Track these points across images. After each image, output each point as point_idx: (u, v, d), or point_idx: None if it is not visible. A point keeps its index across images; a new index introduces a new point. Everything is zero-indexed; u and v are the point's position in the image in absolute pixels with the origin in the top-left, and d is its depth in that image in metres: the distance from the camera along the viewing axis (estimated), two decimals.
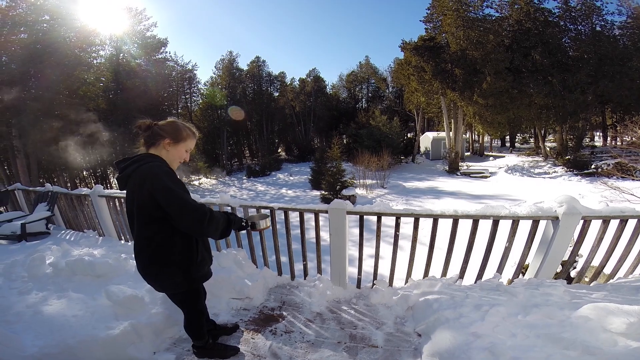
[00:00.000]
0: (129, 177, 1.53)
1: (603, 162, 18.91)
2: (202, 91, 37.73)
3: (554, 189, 16.30)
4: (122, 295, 2.43)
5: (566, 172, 20.10)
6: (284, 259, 3.27)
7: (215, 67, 39.45)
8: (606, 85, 21.25)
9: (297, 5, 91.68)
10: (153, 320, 2.36)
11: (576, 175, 19.06)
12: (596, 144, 28.23)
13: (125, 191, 1.60)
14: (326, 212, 2.86)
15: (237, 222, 1.76)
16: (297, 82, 43.18)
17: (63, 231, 5.35)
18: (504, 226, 2.62)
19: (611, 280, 2.72)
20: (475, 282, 2.72)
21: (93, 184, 24.98)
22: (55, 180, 22.83)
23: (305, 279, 3.23)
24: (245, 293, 2.83)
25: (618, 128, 18.79)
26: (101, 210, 4.57)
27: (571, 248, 2.65)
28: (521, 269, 2.77)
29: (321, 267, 3.19)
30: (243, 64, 41.73)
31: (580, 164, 19.87)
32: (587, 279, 2.92)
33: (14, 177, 15.65)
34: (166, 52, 30.09)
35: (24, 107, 15.46)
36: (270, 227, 2.69)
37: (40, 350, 2.03)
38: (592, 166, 19.16)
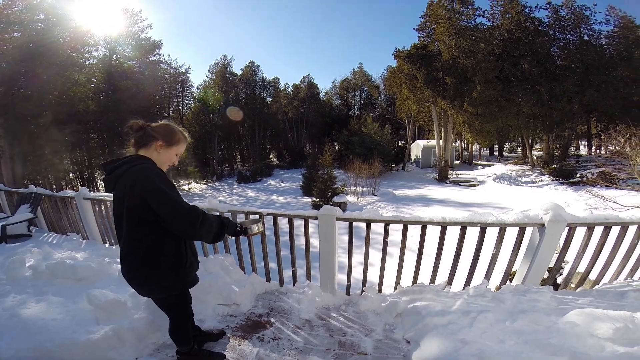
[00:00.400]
0: (119, 178, 1.50)
1: (588, 171, 19.37)
2: (194, 95, 37.52)
3: (541, 198, 16.61)
4: (103, 300, 2.38)
5: (552, 180, 20.50)
6: (272, 265, 3.24)
7: (209, 70, 39.46)
8: (592, 94, 21.83)
9: (292, 10, 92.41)
10: (136, 325, 2.30)
11: (562, 184, 19.46)
12: (581, 152, 28.96)
13: (112, 193, 1.57)
14: (316, 218, 2.85)
15: (230, 226, 1.73)
16: (291, 88, 43.32)
17: (45, 234, 5.24)
18: (492, 233, 2.65)
19: (596, 286, 2.77)
20: (464, 289, 2.73)
21: (79, 186, 24.48)
22: (40, 181, 22.25)
23: (294, 285, 3.19)
24: (232, 299, 2.78)
25: (602, 137, 19.27)
26: (86, 213, 4.48)
27: (557, 255, 2.69)
28: (509, 275, 2.79)
29: (310, 274, 3.16)
30: (237, 68, 41.73)
31: (566, 172, 20.31)
32: (572, 285, 2.96)
33: None
34: (160, 54, 29.97)
35: (12, 107, 15.16)
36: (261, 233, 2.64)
37: (17, 353, 1.97)
38: (578, 175, 19.60)
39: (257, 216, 2.94)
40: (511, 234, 2.59)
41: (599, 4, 29.17)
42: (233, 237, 1.90)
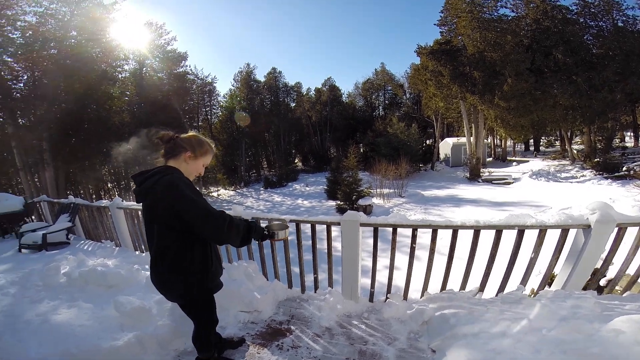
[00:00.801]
0: (149, 189, 1.55)
1: (635, 163, 17.86)
2: (221, 104, 38.56)
3: (582, 194, 15.46)
4: (129, 307, 2.44)
5: (595, 175, 19.05)
6: (295, 269, 3.19)
7: (233, 79, 40.38)
8: (635, 82, 20.18)
9: (310, 15, 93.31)
10: (159, 332, 2.34)
11: (606, 178, 18.02)
12: (627, 144, 26.81)
13: (142, 204, 1.63)
14: (339, 224, 2.76)
15: (258, 230, 1.77)
16: (313, 92, 43.55)
17: (82, 241, 5.53)
18: (530, 235, 2.43)
19: None
20: (497, 295, 2.53)
21: (116, 195, 25.95)
22: (81, 191, 23.74)
23: (315, 292, 3.12)
24: (254, 306, 2.76)
25: None
26: (119, 221, 4.73)
27: (603, 257, 2.43)
28: (547, 280, 2.55)
29: (332, 280, 3.07)
30: (260, 75, 42.61)
31: (610, 166, 18.79)
32: (619, 289, 2.67)
33: (42, 189, 16.30)
34: (186, 65, 30.93)
35: (54, 121, 16.13)
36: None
37: (44, 358, 2.05)
38: (624, 168, 18.08)
39: (284, 219, 2.91)
40: (552, 235, 2.37)
41: None
42: (261, 241, 1.94)
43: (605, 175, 18.34)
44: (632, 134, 29.05)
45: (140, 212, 4.33)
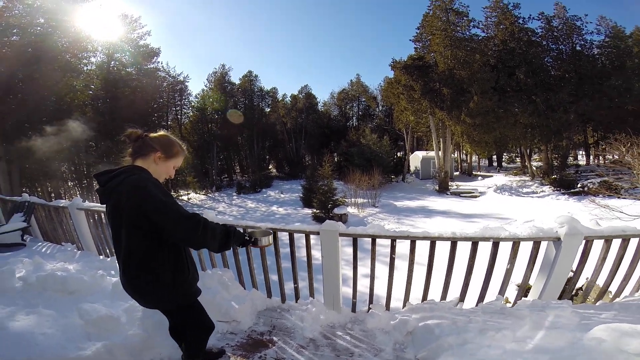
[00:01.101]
0: (114, 189, 1.44)
1: (589, 180, 19.32)
2: (192, 104, 37.50)
3: (543, 208, 16.51)
4: (95, 315, 2.29)
5: (553, 191, 20.42)
6: (273, 277, 3.08)
7: (207, 79, 39.46)
8: (587, 104, 22.02)
9: (290, 20, 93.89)
10: (129, 342, 2.19)
11: (563, 194, 19.37)
12: (580, 162, 28.98)
13: (105, 205, 1.51)
14: (318, 233, 2.73)
15: (238, 236, 1.66)
16: (289, 99, 43.54)
17: (40, 243, 5.17)
18: (504, 247, 2.53)
19: (617, 299, 2.63)
20: (477, 305, 2.59)
21: (78, 195, 24.27)
22: (38, 190, 21.91)
23: (296, 301, 3.04)
24: (231, 316, 2.65)
25: (603, 146, 19.28)
26: (80, 223, 4.39)
27: (574, 268, 2.56)
28: (524, 290, 2.65)
29: (313, 289, 3.01)
30: (235, 77, 41.83)
31: (566, 183, 20.25)
32: (591, 300, 2.82)
33: None
34: (158, 61, 29.81)
35: (8, 112, 14.90)
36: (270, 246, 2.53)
37: None
38: (579, 185, 19.53)
39: (261, 227, 2.81)
40: (525, 248, 2.49)
41: (590, 14, 29.72)
42: (242, 247, 1.84)
43: (562, 191, 19.70)
44: (583, 152, 31.44)
45: (103, 214, 4.06)
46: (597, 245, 2.48)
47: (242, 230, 1.77)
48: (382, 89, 39.37)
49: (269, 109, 41.83)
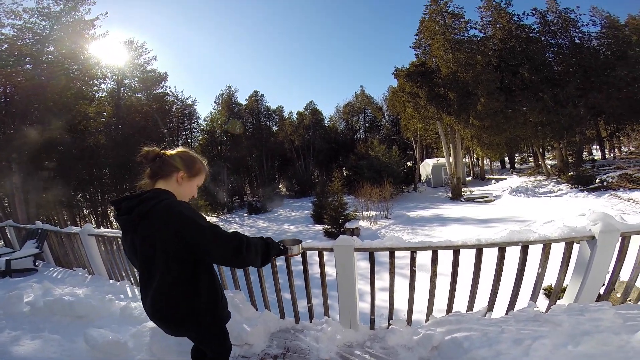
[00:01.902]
0: (144, 217, 1.31)
1: (607, 175, 18.64)
2: (202, 127, 37.92)
3: (562, 207, 15.93)
4: (101, 340, 2.24)
5: (571, 188, 19.75)
6: (286, 295, 2.94)
7: (214, 102, 39.84)
8: (595, 96, 21.57)
9: (291, 38, 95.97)
10: None
11: (582, 191, 18.70)
12: (595, 157, 28.16)
13: (130, 233, 1.37)
14: (331, 250, 2.59)
15: (275, 246, 1.61)
16: (295, 116, 43.89)
17: (52, 268, 5.33)
18: (533, 251, 2.35)
19: None
20: (507, 314, 2.38)
21: (93, 222, 24.55)
22: (55, 217, 22.27)
23: (311, 321, 2.88)
24: (243, 339, 2.52)
25: (621, 138, 18.71)
26: (90, 248, 4.47)
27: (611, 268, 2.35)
28: (558, 295, 2.43)
29: (328, 308, 2.85)
30: (242, 98, 42.25)
31: (584, 179, 19.56)
32: (630, 301, 2.58)
33: (12, 214, 15.17)
34: (166, 86, 30.20)
35: (25, 142, 15.19)
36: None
37: None
38: (597, 180, 18.84)
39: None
40: (556, 249, 2.30)
41: (581, 5, 29.61)
42: (275, 257, 1.77)
43: (581, 188, 19.03)
44: (597, 146, 30.60)
45: (113, 240, 4.10)
46: (635, 242, 2.26)
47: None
48: (387, 99, 39.43)
49: (276, 128, 42.23)
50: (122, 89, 25.97)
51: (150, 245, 1.31)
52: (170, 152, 1.50)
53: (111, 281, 4.29)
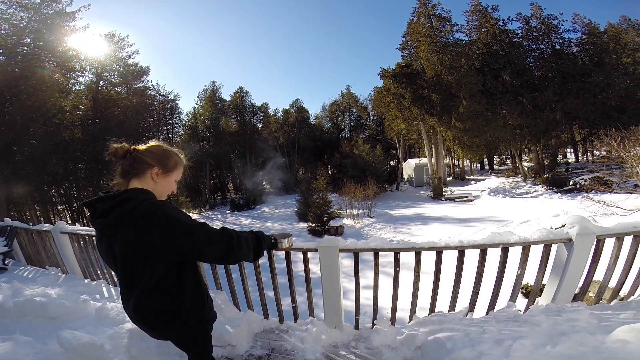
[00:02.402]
0: (122, 220, 1.21)
1: (580, 177, 19.47)
2: (184, 122, 37.19)
3: (537, 208, 16.52)
4: (76, 342, 2.14)
5: (546, 190, 20.52)
6: (269, 293, 2.89)
7: (197, 97, 39.24)
8: (572, 102, 22.43)
9: (278, 34, 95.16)
10: None
11: (556, 192, 19.47)
12: (569, 160, 29.30)
13: (108, 237, 1.28)
14: (316, 250, 2.56)
15: (266, 239, 1.58)
16: (281, 113, 43.58)
17: (22, 267, 5.12)
18: (513, 252, 2.43)
19: (632, 297, 2.53)
20: (488, 314, 2.44)
21: (69, 219, 23.66)
22: (27, 214, 21.31)
23: (296, 321, 2.86)
24: (226, 340, 2.48)
25: (595, 142, 19.50)
26: (64, 247, 4.29)
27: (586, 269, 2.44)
28: (536, 295, 2.52)
29: (313, 308, 2.84)
30: (226, 94, 41.64)
31: (558, 181, 20.38)
32: (604, 301, 2.70)
33: None
34: (148, 80, 29.54)
35: None
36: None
37: None
38: (570, 182, 19.66)
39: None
40: (535, 251, 2.37)
41: (565, 12, 30.60)
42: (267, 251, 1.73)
43: (555, 189, 19.80)
44: (571, 150, 31.84)
45: (88, 238, 3.93)
46: (608, 244, 2.38)
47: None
48: (373, 99, 39.73)
49: (261, 125, 41.81)
50: (101, 82, 25.10)
51: (132, 250, 1.23)
52: (141, 147, 1.38)
53: (86, 281, 4.13)
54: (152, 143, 1.42)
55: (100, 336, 2.34)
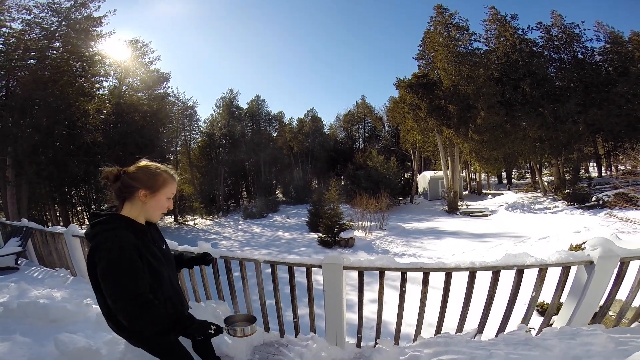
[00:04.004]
0: (88, 240, 1.37)
1: (603, 193, 18.67)
2: (201, 129, 37.79)
3: (557, 224, 15.92)
4: (72, 346, 2.15)
5: (567, 206, 19.77)
6: (269, 301, 2.86)
7: (215, 104, 39.74)
8: (595, 113, 21.63)
9: (296, 43, 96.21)
10: None
11: (577, 208, 18.71)
12: (592, 175, 28.19)
13: None
14: (319, 267, 2.52)
15: (196, 329, 1.36)
16: (296, 122, 44.01)
17: (34, 268, 5.26)
18: (529, 273, 2.30)
19: None
20: (497, 336, 2.30)
21: (86, 220, 24.34)
22: (47, 213, 21.99)
23: (296, 336, 2.79)
24: (224, 351, 2.46)
25: (620, 157, 18.72)
26: (74, 250, 4.42)
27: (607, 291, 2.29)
28: (549, 317, 2.36)
29: (315, 324, 2.77)
30: (243, 102, 42.19)
31: (580, 197, 19.58)
32: (625, 322, 2.53)
33: (3, 209, 15.00)
34: (168, 86, 30.10)
35: (21, 136, 15.03)
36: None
37: None
38: (593, 198, 18.87)
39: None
40: (552, 272, 2.25)
41: (587, 20, 29.78)
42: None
43: (577, 205, 19.04)
44: (594, 164, 30.66)
45: None
46: (633, 266, 2.23)
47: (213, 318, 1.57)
48: (388, 109, 39.58)
49: (275, 134, 42.25)
50: (124, 87, 25.89)
51: (90, 265, 1.32)
52: (130, 169, 1.44)
53: None
54: (141, 164, 1.47)
55: (98, 341, 2.32)
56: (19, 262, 5.25)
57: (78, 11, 17.53)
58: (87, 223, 1.37)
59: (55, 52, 16.78)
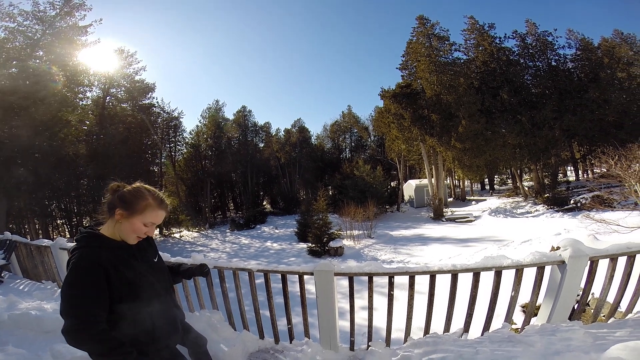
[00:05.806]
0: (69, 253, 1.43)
1: (581, 196, 19.42)
2: (187, 140, 37.25)
3: (539, 227, 16.43)
4: (69, 356, 2.16)
5: (547, 209, 20.43)
6: (265, 313, 2.90)
7: (201, 115, 39.33)
8: (570, 119, 22.50)
9: (281, 53, 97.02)
10: None
11: (557, 211, 19.38)
12: (570, 178, 29.20)
13: None
14: (312, 274, 2.61)
15: None
16: (282, 133, 43.83)
17: (18, 280, 5.21)
18: (508, 274, 2.45)
19: (629, 315, 2.52)
20: (483, 335, 2.43)
21: (67, 233, 23.53)
22: (26, 227, 21.16)
23: (291, 342, 2.85)
24: (220, 358, 2.45)
25: (592, 161, 19.52)
26: (62, 262, 4.39)
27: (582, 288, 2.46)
28: (531, 316, 2.51)
29: (308, 329, 2.83)
30: (229, 113, 42.02)
31: (559, 200, 20.32)
32: (603, 317, 2.70)
33: None
34: (153, 97, 29.75)
35: (0, 147, 14.54)
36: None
37: None
38: (571, 201, 19.60)
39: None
40: (529, 272, 2.40)
41: (559, 28, 31.00)
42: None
43: (556, 208, 19.73)
44: (571, 168, 31.76)
45: None
46: (603, 264, 2.41)
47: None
48: (373, 119, 40.03)
49: (262, 144, 42.06)
50: (107, 97, 25.42)
51: None
52: (127, 187, 1.46)
53: None
54: (135, 185, 1.48)
55: None
56: (2, 275, 5.17)
57: (63, 20, 17.30)
58: (69, 236, 1.38)
59: (37, 61, 16.38)
